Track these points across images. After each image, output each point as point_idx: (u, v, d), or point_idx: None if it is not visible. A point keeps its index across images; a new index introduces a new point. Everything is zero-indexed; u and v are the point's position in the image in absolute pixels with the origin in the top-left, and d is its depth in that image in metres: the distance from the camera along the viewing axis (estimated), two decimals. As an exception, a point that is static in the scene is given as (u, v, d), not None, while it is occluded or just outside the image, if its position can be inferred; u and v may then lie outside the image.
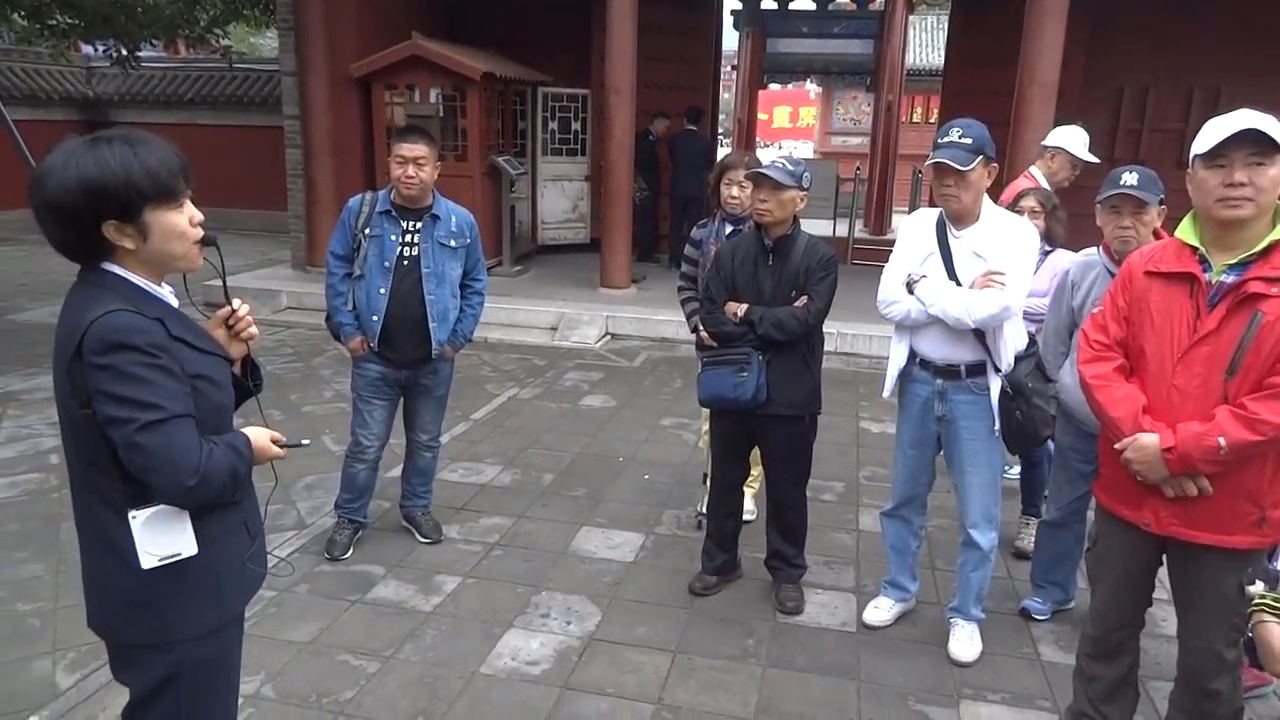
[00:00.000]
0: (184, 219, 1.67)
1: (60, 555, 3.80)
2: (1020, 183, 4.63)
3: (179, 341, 1.65)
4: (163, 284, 1.74)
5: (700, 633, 3.42)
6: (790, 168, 3.28)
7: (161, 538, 1.65)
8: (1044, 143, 4.78)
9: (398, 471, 4.28)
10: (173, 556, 1.67)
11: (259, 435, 1.79)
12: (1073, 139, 4.60)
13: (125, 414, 1.55)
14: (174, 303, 1.73)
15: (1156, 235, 2.97)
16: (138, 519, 1.63)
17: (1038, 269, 3.79)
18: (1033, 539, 4.09)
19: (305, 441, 1.95)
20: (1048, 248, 3.88)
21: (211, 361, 1.74)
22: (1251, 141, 2.07)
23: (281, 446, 1.83)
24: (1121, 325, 2.37)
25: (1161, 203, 2.98)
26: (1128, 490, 2.38)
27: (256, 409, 1.97)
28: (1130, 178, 2.96)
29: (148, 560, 1.65)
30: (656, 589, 3.73)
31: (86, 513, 1.72)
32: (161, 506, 1.64)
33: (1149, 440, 2.24)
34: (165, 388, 1.58)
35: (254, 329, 1.89)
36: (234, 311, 1.85)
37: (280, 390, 6.19)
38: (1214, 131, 2.12)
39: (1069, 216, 4.13)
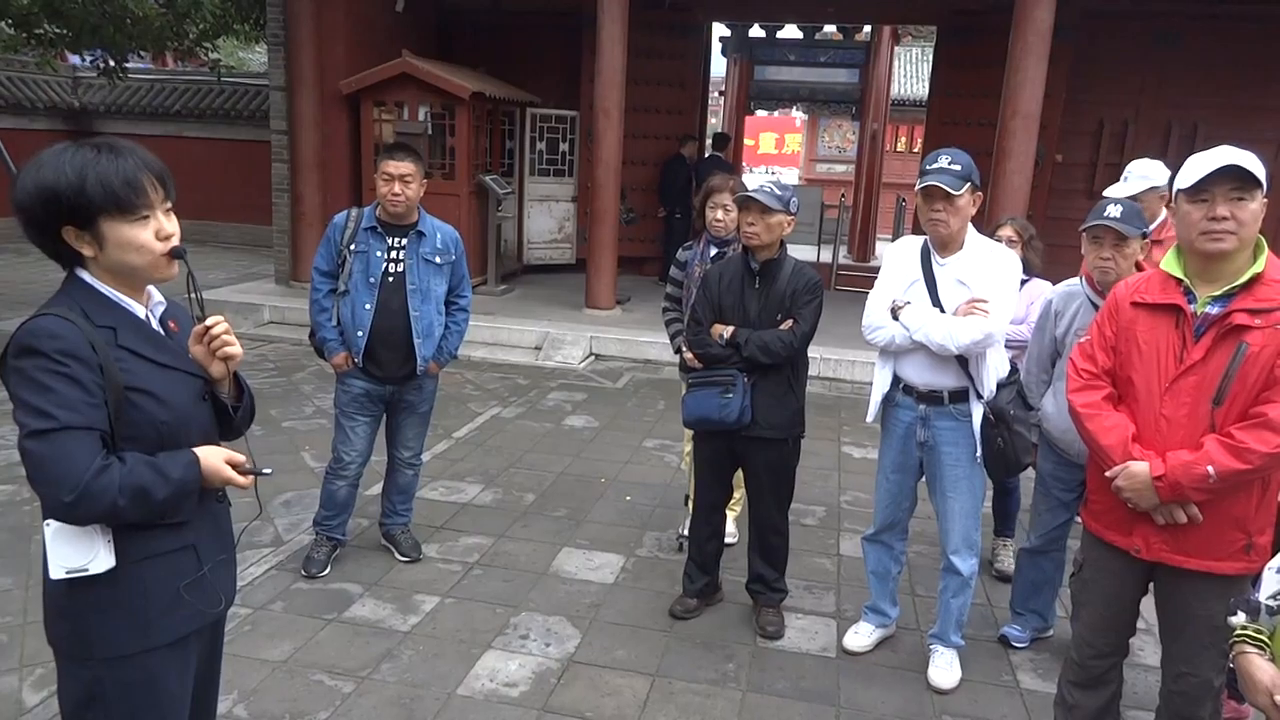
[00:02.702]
0: (145, 233, 1.63)
1: (30, 569, 3.73)
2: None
3: (125, 351, 1.62)
4: (150, 292, 1.72)
5: (680, 656, 3.39)
6: (778, 192, 3.31)
7: (67, 549, 1.59)
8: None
9: (378, 489, 4.24)
10: (79, 571, 1.59)
11: (210, 456, 1.69)
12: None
13: (21, 419, 1.54)
14: (143, 314, 1.69)
15: (1139, 267, 3.01)
16: (50, 527, 1.59)
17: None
18: (1010, 559, 4.15)
19: (267, 470, 1.80)
20: (1024, 276, 3.91)
21: (167, 376, 1.68)
22: (1233, 177, 2.12)
23: (243, 473, 1.72)
24: (1109, 355, 2.40)
25: (1145, 235, 3.02)
26: (1117, 517, 2.40)
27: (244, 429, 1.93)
28: (1114, 210, 3.00)
29: (55, 571, 1.60)
30: (636, 611, 3.70)
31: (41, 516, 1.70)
32: None
33: (1139, 468, 2.27)
34: (64, 396, 1.52)
35: (232, 348, 1.77)
36: (208, 329, 1.76)
37: (261, 405, 6.06)
38: (1196, 167, 2.17)
39: (1049, 247, 4.16)
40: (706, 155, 11.26)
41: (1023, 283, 3.88)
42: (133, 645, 1.69)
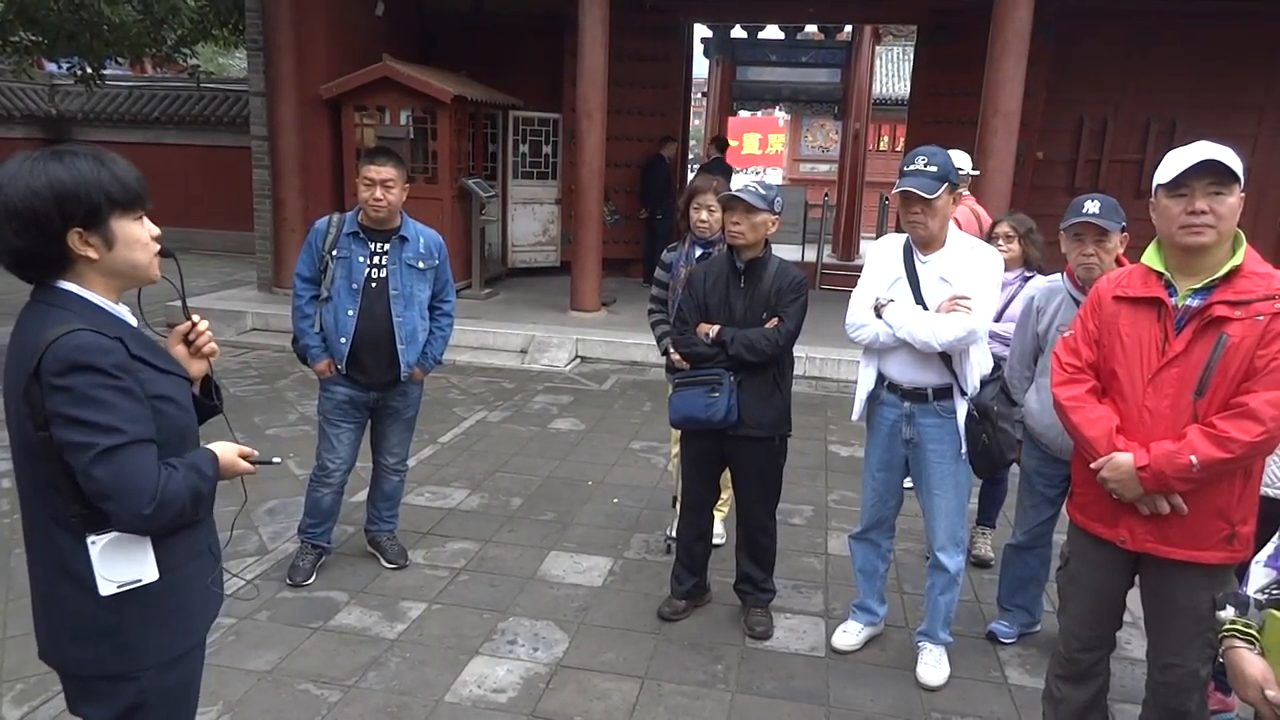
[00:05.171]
0: (145, 231, 1.67)
1: (10, 582, 3.69)
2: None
3: (139, 361, 1.62)
4: (119, 303, 1.71)
5: (669, 658, 3.38)
6: (763, 192, 3.31)
7: (120, 564, 1.61)
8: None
9: (363, 496, 4.21)
10: (133, 583, 1.62)
11: (226, 450, 1.77)
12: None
13: (83, 438, 1.51)
14: (133, 321, 1.70)
15: (1119, 262, 3.03)
16: (96, 544, 1.59)
17: (1018, 294, 3.83)
18: (988, 547, 4.21)
19: (276, 459, 1.91)
20: (1028, 273, 3.92)
21: (172, 381, 1.70)
22: (1211, 172, 2.15)
23: (252, 463, 1.81)
24: (1092, 348, 2.42)
25: (1124, 230, 3.03)
26: (1103, 509, 2.42)
27: (226, 429, 1.93)
28: (1092, 206, 3.02)
29: (106, 587, 1.60)
30: (625, 614, 3.69)
31: (42, 538, 1.66)
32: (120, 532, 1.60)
33: (1124, 459, 2.28)
34: (125, 411, 1.54)
35: (214, 344, 1.86)
36: (194, 325, 1.82)
37: (244, 413, 6.09)
38: (1175, 162, 2.20)
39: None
40: (711, 158, 11.29)
41: (1026, 279, 3.90)
42: (178, 647, 1.75)
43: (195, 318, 1.83)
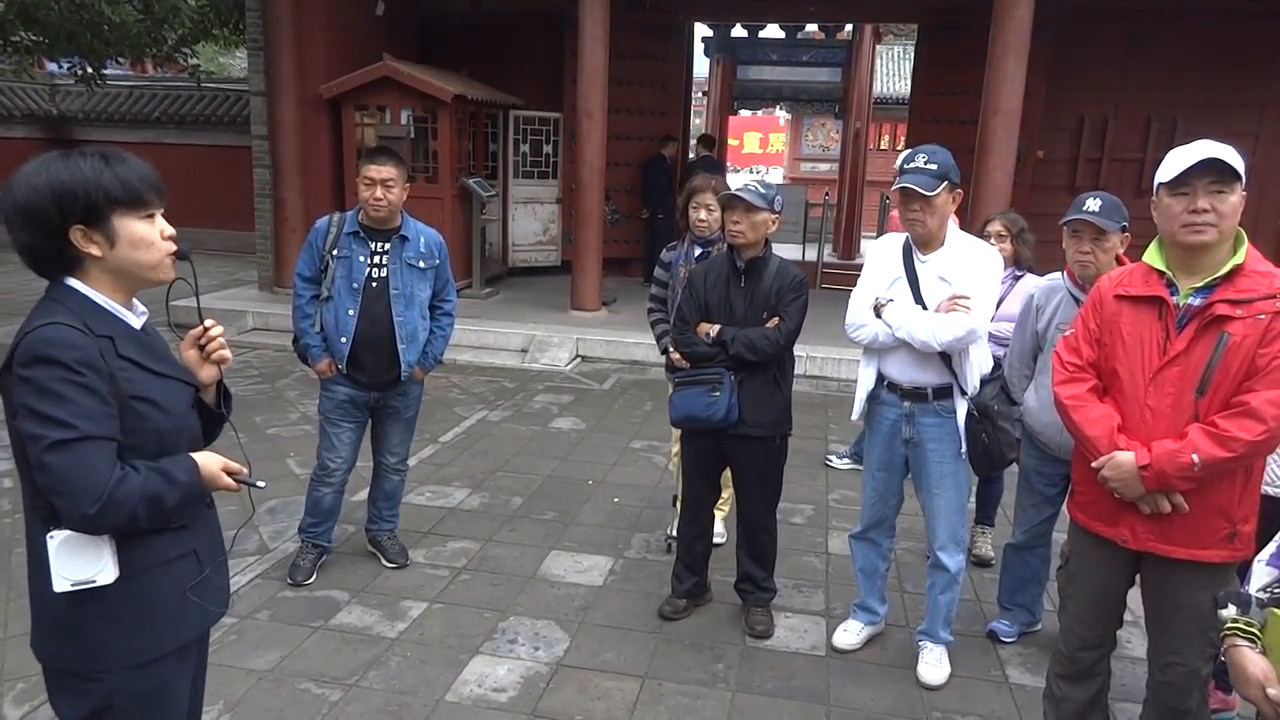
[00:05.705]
0: (154, 230, 1.67)
1: (11, 581, 3.69)
2: None
3: (127, 361, 1.62)
4: (134, 303, 1.71)
5: (669, 657, 3.38)
6: (762, 191, 3.31)
7: (75, 562, 1.58)
8: None
9: (364, 495, 4.21)
10: (86, 583, 1.59)
11: (208, 461, 1.72)
12: None
13: (36, 430, 1.51)
14: (137, 323, 1.70)
15: (1120, 261, 3.03)
16: (54, 539, 1.57)
17: (1008, 293, 3.83)
18: (988, 546, 4.21)
19: (261, 484, 1.84)
20: (1018, 272, 3.92)
21: (164, 385, 1.69)
22: (1212, 170, 2.15)
23: (238, 481, 1.76)
24: (1093, 347, 2.42)
25: (1124, 230, 3.03)
26: (1104, 507, 2.41)
27: (232, 434, 1.92)
28: (1093, 204, 3.01)
29: (60, 584, 1.58)
30: (625, 613, 3.69)
31: (29, 528, 1.67)
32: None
33: (1125, 458, 2.28)
34: (83, 406, 1.53)
35: (226, 351, 1.84)
36: (205, 330, 1.81)
37: (245, 412, 6.08)
38: (1177, 161, 2.19)
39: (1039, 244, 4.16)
40: (699, 155, 11.33)
41: (1017, 278, 3.90)
42: (146, 654, 1.70)
43: (209, 322, 1.82)
